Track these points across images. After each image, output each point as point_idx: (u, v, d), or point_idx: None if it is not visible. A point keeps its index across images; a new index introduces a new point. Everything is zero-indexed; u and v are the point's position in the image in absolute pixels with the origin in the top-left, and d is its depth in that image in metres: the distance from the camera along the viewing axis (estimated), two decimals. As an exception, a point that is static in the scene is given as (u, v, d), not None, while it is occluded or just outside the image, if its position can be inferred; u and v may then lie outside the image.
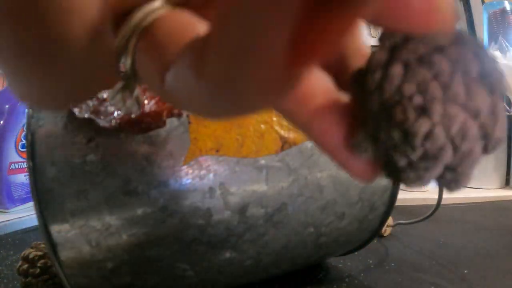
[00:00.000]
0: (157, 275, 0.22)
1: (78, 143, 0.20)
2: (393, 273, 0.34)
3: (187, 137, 0.21)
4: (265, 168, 0.22)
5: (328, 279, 0.33)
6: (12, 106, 0.56)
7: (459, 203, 0.65)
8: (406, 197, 0.66)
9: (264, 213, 0.22)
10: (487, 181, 0.73)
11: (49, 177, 0.20)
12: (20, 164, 0.57)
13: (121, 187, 0.20)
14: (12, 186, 0.56)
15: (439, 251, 0.40)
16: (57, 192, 0.20)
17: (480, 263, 0.36)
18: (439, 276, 0.33)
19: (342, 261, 0.37)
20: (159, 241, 0.20)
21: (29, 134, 0.20)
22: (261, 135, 0.22)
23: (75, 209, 0.20)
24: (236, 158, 0.21)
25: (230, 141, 0.21)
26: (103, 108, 0.20)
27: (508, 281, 0.32)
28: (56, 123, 0.21)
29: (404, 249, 0.41)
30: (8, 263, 0.37)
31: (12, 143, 0.56)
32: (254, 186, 0.22)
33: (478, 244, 0.42)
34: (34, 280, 0.29)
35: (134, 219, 0.20)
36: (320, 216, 0.24)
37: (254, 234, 0.22)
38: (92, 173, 0.20)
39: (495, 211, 0.59)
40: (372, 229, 0.30)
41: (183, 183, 0.20)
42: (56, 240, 0.20)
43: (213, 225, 0.21)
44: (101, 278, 0.21)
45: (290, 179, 0.23)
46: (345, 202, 0.25)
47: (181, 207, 0.20)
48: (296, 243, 0.24)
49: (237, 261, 0.23)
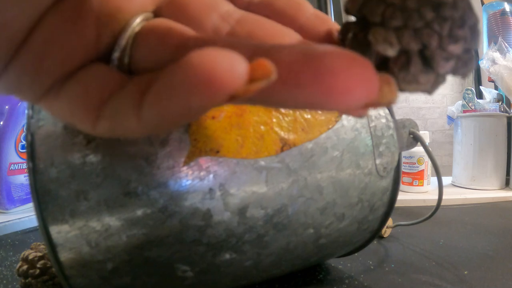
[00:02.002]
0: (156, 275, 0.22)
1: (78, 144, 0.20)
2: (393, 274, 0.34)
3: (187, 138, 0.21)
4: (265, 169, 0.22)
5: (328, 280, 0.33)
6: (12, 107, 0.56)
7: (459, 204, 0.65)
8: (406, 198, 0.66)
9: (264, 214, 0.22)
10: (487, 182, 0.73)
11: (49, 178, 0.20)
12: (20, 165, 0.57)
13: (121, 188, 0.20)
14: (12, 187, 0.56)
15: (439, 252, 0.40)
16: (56, 193, 0.20)
17: (480, 264, 0.36)
18: (439, 277, 0.33)
19: (342, 262, 0.37)
20: (158, 242, 0.20)
21: (29, 135, 0.20)
22: (261, 136, 0.22)
23: (75, 210, 0.20)
24: (236, 159, 0.21)
25: (230, 142, 0.21)
26: (103, 109, 0.20)
27: (508, 282, 0.32)
28: (56, 124, 0.21)
29: (404, 250, 0.41)
30: (8, 264, 0.37)
31: (12, 144, 0.56)
32: (254, 187, 0.22)
33: (478, 245, 0.42)
34: (34, 281, 0.29)
35: (134, 220, 0.20)
36: (320, 217, 0.24)
37: (254, 235, 0.22)
38: (92, 174, 0.20)
39: (495, 212, 0.59)
40: (372, 230, 0.30)
41: (183, 184, 0.20)
42: (56, 241, 0.20)
43: (213, 226, 0.21)
44: (101, 279, 0.21)
45: (290, 180, 0.23)
46: (345, 203, 0.25)
47: (181, 208, 0.20)
48: (296, 244, 0.24)
49: (237, 262, 0.23)
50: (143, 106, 0.10)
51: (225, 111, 0.21)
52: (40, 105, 0.12)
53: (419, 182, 0.69)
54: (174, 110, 0.09)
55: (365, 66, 0.08)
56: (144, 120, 0.10)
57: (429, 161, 0.68)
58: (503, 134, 0.73)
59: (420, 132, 0.31)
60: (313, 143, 0.23)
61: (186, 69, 0.08)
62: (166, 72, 0.09)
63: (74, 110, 0.11)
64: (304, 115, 0.23)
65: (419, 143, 0.30)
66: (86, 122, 0.11)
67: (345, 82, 0.08)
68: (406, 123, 0.30)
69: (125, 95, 0.11)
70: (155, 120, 0.09)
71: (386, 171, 0.27)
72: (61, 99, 0.12)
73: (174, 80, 0.08)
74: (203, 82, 0.08)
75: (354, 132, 0.25)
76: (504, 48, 0.77)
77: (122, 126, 0.11)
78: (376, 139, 0.26)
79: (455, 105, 0.83)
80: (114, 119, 0.11)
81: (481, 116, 0.75)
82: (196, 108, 0.08)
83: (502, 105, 0.78)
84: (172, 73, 0.08)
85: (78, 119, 0.11)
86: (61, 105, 0.12)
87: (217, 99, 0.08)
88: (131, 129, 0.10)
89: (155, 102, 0.09)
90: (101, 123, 0.11)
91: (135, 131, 0.10)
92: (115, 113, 0.11)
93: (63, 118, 0.12)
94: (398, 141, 0.28)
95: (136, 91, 0.10)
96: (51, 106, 0.12)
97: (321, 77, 0.08)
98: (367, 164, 0.26)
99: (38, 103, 0.12)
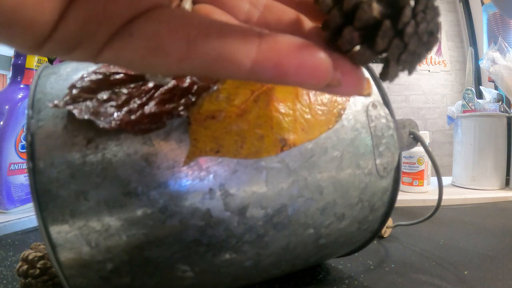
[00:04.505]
0: (156, 276, 0.22)
1: (78, 144, 0.20)
2: (393, 274, 0.34)
3: (187, 138, 0.21)
4: (265, 169, 0.22)
5: (328, 280, 0.33)
6: (12, 107, 0.56)
7: (459, 204, 0.65)
8: (406, 198, 0.66)
9: (264, 214, 0.22)
10: (487, 182, 0.73)
11: (49, 178, 0.20)
12: (19, 165, 0.57)
13: (120, 188, 0.20)
14: (11, 187, 0.56)
15: (439, 252, 0.40)
16: (56, 193, 0.20)
17: (480, 264, 0.36)
18: (439, 277, 0.33)
19: (342, 262, 0.37)
20: (158, 242, 0.20)
21: (29, 135, 0.20)
22: (261, 136, 0.22)
23: (75, 210, 0.20)
24: (236, 159, 0.21)
25: (230, 142, 0.21)
26: (103, 109, 0.20)
27: (508, 282, 0.32)
28: (56, 124, 0.21)
29: (404, 250, 0.41)
30: (8, 264, 0.37)
31: (12, 144, 0.56)
32: (254, 187, 0.22)
33: (478, 245, 0.42)
34: (34, 281, 0.29)
35: (133, 220, 0.20)
36: (320, 217, 0.24)
37: (254, 235, 0.22)
38: (91, 174, 0.20)
39: (495, 212, 0.59)
40: (372, 230, 0.30)
41: (183, 184, 0.20)
42: (56, 241, 0.20)
43: (213, 226, 0.21)
44: (101, 279, 0.21)
45: (290, 180, 0.23)
46: (345, 203, 0.25)
47: (181, 208, 0.20)
48: (296, 244, 0.24)
49: (237, 262, 0.23)
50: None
51: (225, 111, 0.21)
52: (99, 60, 0.11)
53: (419, 182, 0.69)
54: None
55: (313, 51, 0.12)
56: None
57: (429, 161, 0.68)
58: (503, 134, 0.73)
59: (420, 132, 0.31)
60: (313, 143, 0.23)
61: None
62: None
63: (160, 44, 0.11)
64: (304, 115, 0.23)
65: (419, 143, 0.30)
66: (173, 52, 0.11)
67: (294, 66, 0.11)
68: (406, 123, 0.30)
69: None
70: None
71: (386, 171, 0.27)
72: (136, 39, 0.11)
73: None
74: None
75: (354, 132, 0.25)
76: (504, 48, 0.77)
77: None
78: (376, 139, 0.26)
79: (455, 105, 0.83)
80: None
81: (481, 116, 0.75)
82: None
83: (502, 105, 0.78)
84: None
85: (163, 51, 0.11)
86: (136, 46, 0.11)
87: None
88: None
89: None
90: (192, 51, 0.11)
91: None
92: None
93: (139, 61, 0.11)
94: (398, 141, 0.28)
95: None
96: (119, 53, 0.11)
97: (281, 61, 0.11)
98: (367, 164, 0.26)
99: (98, 56, 0.11)
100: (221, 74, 0.12)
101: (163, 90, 0.21)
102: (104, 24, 0.11)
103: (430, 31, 0.12)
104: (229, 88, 0.22)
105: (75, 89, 0.21)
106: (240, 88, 0.22)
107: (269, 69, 0.12)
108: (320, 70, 0.12)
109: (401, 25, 0.12)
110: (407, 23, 0.12)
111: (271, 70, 0.12)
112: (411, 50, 0.12)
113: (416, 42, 0.12)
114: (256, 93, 0.22)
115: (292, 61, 0.11)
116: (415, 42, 0.12)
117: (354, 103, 0.26)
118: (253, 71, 0.12)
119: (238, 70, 0.12)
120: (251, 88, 0.22)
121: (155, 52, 0.11)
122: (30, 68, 0.59)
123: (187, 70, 0.12)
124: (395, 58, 0.13)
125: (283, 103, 0.23)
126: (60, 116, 0.21)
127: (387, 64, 0.13)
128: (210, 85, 0.22)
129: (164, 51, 0.11)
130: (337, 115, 0.25)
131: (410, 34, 0.12)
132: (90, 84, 0.21)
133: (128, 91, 0.21)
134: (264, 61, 0.11)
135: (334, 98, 0.25)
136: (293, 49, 0.12)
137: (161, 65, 0.11)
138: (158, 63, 0.11)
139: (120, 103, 0.21)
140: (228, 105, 0.22)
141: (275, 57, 0.11)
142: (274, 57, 0.11)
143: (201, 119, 0.21)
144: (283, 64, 0.11)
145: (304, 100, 0.24)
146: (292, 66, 0.11)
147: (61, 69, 0.24)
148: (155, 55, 0.11)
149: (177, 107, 0.21)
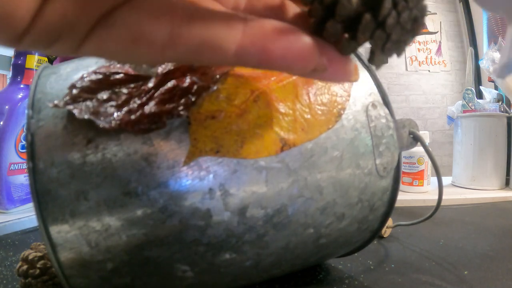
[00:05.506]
0: (156, 275, 0.22)
1: (78, 144, 0.20)
2: (393, 274, 0.34)
3: (187, 138, 0.21)
4: (264, 169, 0.22)
5: (328, 280, 0.33)
6: (12, 107, 0.56)
7: (459, 204, 0.65)
8: (406, 198, 0.66)
9: (264, 214, 0.22)
10: (487, 182, 0.73)
11: (49, 178, 0.20)
12: (19, 165, 0.57)
13: (120, 188, 0.20)
14: (12, 187, 0.56)
15: (439, 252, 0.40)
16: (56, 193, 0.20)
17: (480, 264, 0.36)
18: (439, 277, 0.33)
19: (342, 262, 0.37)
20: (158, 242, 0.20)
21: (29, 135, 0.20)
22: (261, 136, 0.22)
23: (75, 210, 0.20)
24: (235, 159, 0.21)
25: (229, 142, 0.21)
26: (103, 109, 0.20)
27: (508, 282, 0.32)
28: (56, 124, 0.21)
29: (404, 250, 0.41)
30: (8, 264, 0.37)
31: (12, 144, 0.56)
32: (253, 187, 0.22)
33: (478, 245, 0.42)
34: (34, 281, 0.29)
35: (133, 220, 0.20)
36: (320, 217, 0.24)
37: (254, 235, 0.22)
38: (91, 174, 0.20)
39: (495, 212, 0.59)
40: (372, 230, 0.30)
41: (183, 184, 0.20)
42: (56, 241, 0.20)
43: (213, 226, 0.21)
44: (101, 279, 0.21)
45: (290, 180, 0.23)
46: (345, 203, 0.25)
47: (180, 208, 0.20)
48: (296, 244, 0.24)
49: (237, 262, 0.23)
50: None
51: (225, 111, 0.21)
52: (80, 52, 0.11)
53: (419, 182, 0.69)
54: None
55: (298, 36, 0.12)
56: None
57: (429, 161, 0.68)
58: (503, 134, 0.73)
59: (420, 132, 0.31)
60: (313, 143, 0.23)
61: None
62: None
63: (143, 33, 0.11)
64: (304, 115, 0.23)
65: (419, 143, 0.30)
66: (157, 40, 0.11)
67: (280, 50, 0.11)
68: (406, 123, 0.30)
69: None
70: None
71: (386, 171, 0.27)
72: (118, 29, 0.11)
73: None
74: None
75: (354, 132, 0.25)
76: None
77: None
78: (376, 139, 0.26)
79: (455, 105, 0.83)
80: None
81: (481, 116, 0.75)
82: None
83: (502, 105, 0.78)
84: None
85: (147, 40, 0.11)
86: (119, 37, 0.11)
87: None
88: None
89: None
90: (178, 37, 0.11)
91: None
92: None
93: (122, 52, 0.11)
94: (398, 141, 0.28)
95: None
96: (101, 44, 0.11)
97: (267, 45, 0.12)
98: (367, 164, 0.26)
99: (79, 48, 0.11)
100: (206, 61, 0.12)
101: (163, 90, 0.21)
102: (83, 16, 0.10)
103: (414, 17, 0.12)
104: (229, 88, 0.22)
105: (75, 89, 0.21)
106: (240, 88, 0.22)
107: (255, 54, 0.11)
108: (305, 54, 0.12)
109: (382, 18, 0.12)
110: (388, 15, 0.12)
111: (256, 55, 0.11)
112: (394, 40, 0.12)
113: (399, 31, 0.12)
114: (256, 93, 0.22)
115: (278, 46, 0.11)
116: (398, 31, 0.12)
117: (354, 103, 0.26)
118: (239, 56, 0.12)
119: (223, 55, 0.11)
120: (251, 88, 0.22)
121: (138, 42, 0.11)
122: (30, 68, 0.59)
123: (172, 58, 0.12)
124: (379, 48, 0.13)
125: (283, 103, 0.23)
126: (60, 116, 0.21)
127: (373, 53, 0.13)
128: (210, 85, 0.22)
129: (147, 40, 0.11)
130: (337, 115, 0.25)
131: (391, 25, 0.12)
132: (90, 84, 0.21)
133: (128, 91, 0.21)
134: (249, 46, 0.11)
135: (334, 98, 0.25)
136: (278, 34, 0.11)
137: (145, 54, 0.11)
138: (142, 52, 0.11)
139: (120, 103, 0.21)
140: (228, 105, 0.22)
141: (260, 42, 0.11)
142: (259, 42, 0.11)
143: (201, 119, 0.21)
144: (268, 49, 0.11)
145: (304, 100, 0.24)
146: (277, 51, 0.11)
147: (61, 69, 0.24)
148: (139, 45, 0.11)
149: (177, 107, 0.21)
